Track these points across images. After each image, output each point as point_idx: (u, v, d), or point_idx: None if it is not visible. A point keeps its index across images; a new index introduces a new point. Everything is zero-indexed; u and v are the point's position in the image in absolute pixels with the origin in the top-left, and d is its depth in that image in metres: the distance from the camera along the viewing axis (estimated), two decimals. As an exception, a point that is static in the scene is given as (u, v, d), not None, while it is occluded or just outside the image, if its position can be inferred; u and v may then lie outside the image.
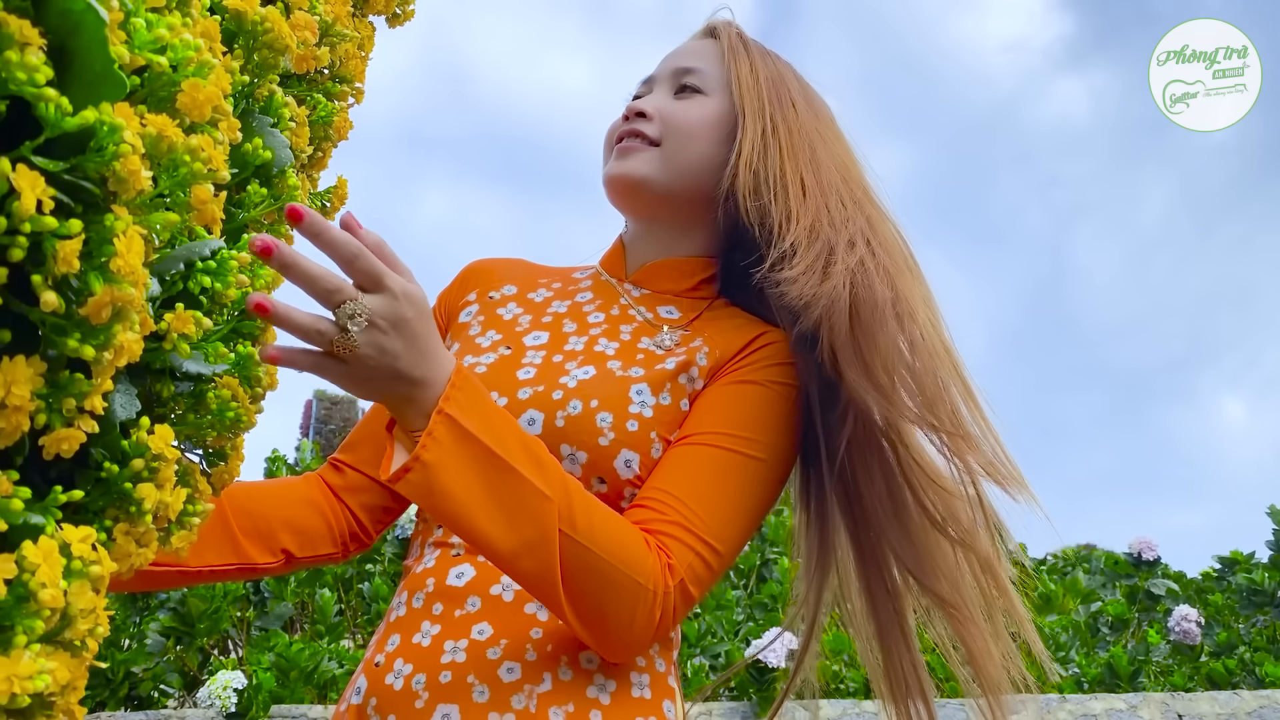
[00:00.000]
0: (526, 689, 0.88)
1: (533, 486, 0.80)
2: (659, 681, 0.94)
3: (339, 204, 0.85)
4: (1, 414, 0.45)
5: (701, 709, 3.62)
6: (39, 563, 0.45)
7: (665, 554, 0.88)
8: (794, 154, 1.01)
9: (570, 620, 0.85)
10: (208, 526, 0.99)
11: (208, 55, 0.52)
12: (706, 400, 0.96)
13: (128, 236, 0.46)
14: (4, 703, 0.44)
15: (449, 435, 0.77)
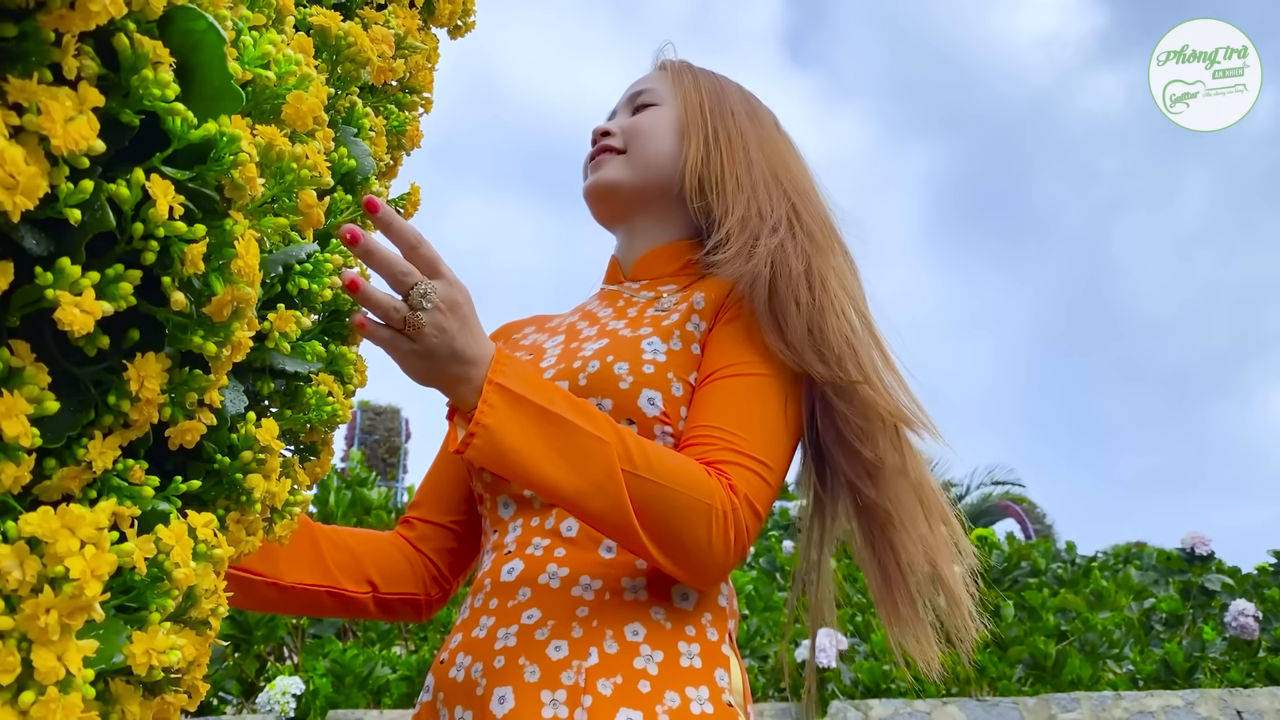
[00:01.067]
0: (575, 664, 0.92)
1: (588, 432, 0.86)
2: (711, 651, 0.97)
3: (412, 210, 0.88)
4: (135, 407, 0.49)
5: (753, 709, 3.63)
6: (173, 544, 0.48)
7: (724, 476, 0.94)
8: (731, 156, 1.13)
9: (653, 553, 0.90)
10: (302, 550, 1.08)
11: (308, 69, 0.55)
12: (714, 343, 1.04)
13: (245, 240, 0.49)
14: (142, 674, 0.47)
15: (503, 400, 0.84)
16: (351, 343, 0.72)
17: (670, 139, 1.17)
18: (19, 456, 0.44)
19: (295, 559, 1.07)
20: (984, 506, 8.61)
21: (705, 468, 0.94)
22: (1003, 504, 9.30)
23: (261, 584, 1.04)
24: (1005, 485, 8.67)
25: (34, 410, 0.44)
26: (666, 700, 0.90)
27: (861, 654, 4.16)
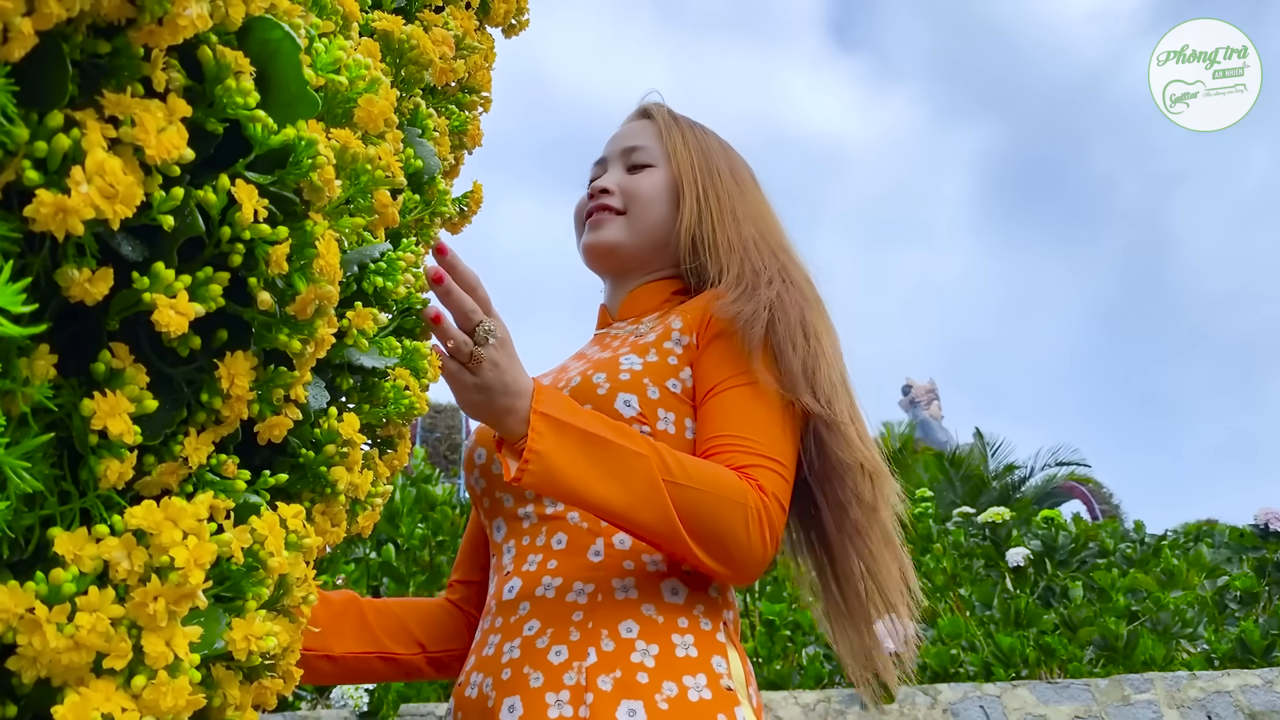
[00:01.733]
0: (576, 665, 0.97)
1: (628, 449, 0.93)
2: (705, 640, 1.01)
3: (475, 208, 0.90)
4: (226, 404, 0.51)
5: (819, 695, 3.62)
6: (267, 534, 0.50)
7: (751, 479, 1.00)
8: (721, 218, 1.21)
9: (700, 556, 0.96)
10: (349, 622, 1.17)
11: (377, 73, 0.57)
12: (708, 359, 1.10)
13: (326, 240, 0.51)
14: (241, 659, 0.49)
15: (549, 428, 0.90)
16: (423, 338, 0.74)
17: (666, 205, 1.25)
18: (122, 454, 0.46)
19: (343, 631, 1.15)
20: (1049, 488, 8.49)
21: (733, 471, 1.00)
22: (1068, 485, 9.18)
23: (314, 658, 1.12)
24: (1070, 466, 8.55)
25: (134, 409, 0.46)
26: (665, 689, 0.94)
27: (928, 639, 4.13)
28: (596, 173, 1.31)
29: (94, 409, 0.44)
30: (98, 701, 0.42)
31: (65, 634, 0.42)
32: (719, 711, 0.94)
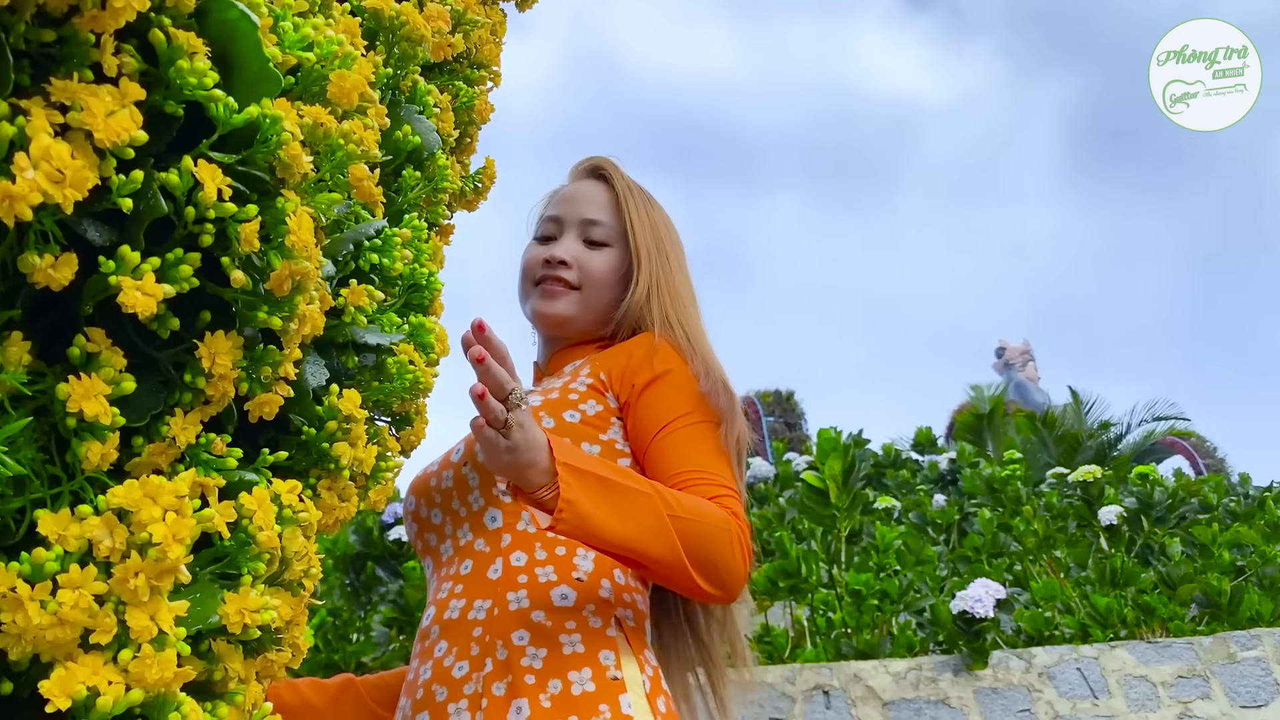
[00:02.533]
0: (474, 677, 1.06)
1: (636, 490, 1.02)
2: (593, 636, 1.08)
3: (489, 183, 0.90)
4: (210, 383, 0.51)
5: (910, 664, 3.58)
6: (255, 509, 0.51)
7: (725, 507, 1.09)
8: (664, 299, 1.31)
9: (696, 580, 1.04)
10: (346, 699, 1.26)
11: (350, 48, 0.57)
12: (651, 401, 1.20)
13: (298, 216, 0.51)
14: (237, 633, 0.50)
15: (574, 478, 0.97)
16: (432, 314, 0.75)
17: (617, 287, 1.34)
18: (104, 435, 0.47)
19: (342, 710, 1.26)
20: (1148, 445, 8.23)
21: (711, 501, 1.09)
22: (1169, 440, 8.88)
23: None
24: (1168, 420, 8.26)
25: (112, 391, 0.47)
26: (550, 687, 1.03)
27: (1022, 602, 4.05)
28: (550, 230, 1.37)
29: (69, 392, 0.45)
30: (84, 675, 0.43)
31: (48, 611, 0.43)
32: (601, 702, 1.02)
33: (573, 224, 1.35)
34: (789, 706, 3.51)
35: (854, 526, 4.45)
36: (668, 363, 1.22)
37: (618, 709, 1.02)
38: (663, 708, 1.07)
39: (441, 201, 0.78)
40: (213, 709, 0.52)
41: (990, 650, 3.58)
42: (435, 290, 0.72)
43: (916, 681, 3.54)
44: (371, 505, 0.67)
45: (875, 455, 6.88)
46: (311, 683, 1.27)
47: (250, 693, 0.53)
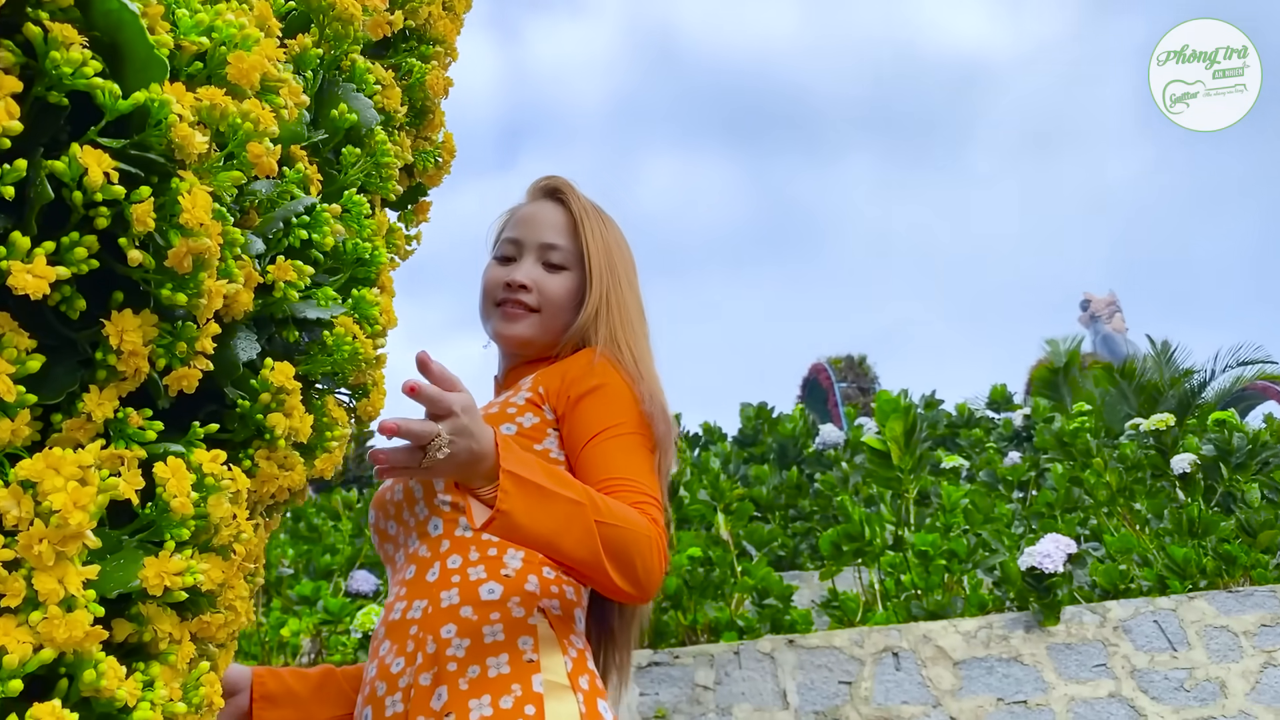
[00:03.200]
0: (407, 670, 1.16)
1: (570, 499, 1.09)
2: (514, 625, 1.16)
3: (449, 158, 0.91)
4: (121, 360, 0.54)
5: (981, 622, 3.54)
6: (168, 477, 0.53)
7: (645, 513, 1.17)
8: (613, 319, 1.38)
9: (614, 580, 1.12)
10: (328, 690, 1.35)
11: (252, 31, 0.59)
12: (586, 411, 1.28)
13: (192, 194, 0.53)
14: (158, 595, 0.53)
15: (514, 485, 1.04)
16: (379, 287, 0.77)
17: (573, 309, 1.41)
18: (13, 412, 0.50)
19: (324, 698, 1.34)
20: (1235, 391, 7.95)
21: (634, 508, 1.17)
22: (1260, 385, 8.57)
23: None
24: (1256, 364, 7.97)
25: (16, 370, 0.50)
26: (469, 673, 1.12)
27: (1097, 556, 3.97)
28: (510, 252, 1.43)
29: (-30, 373, 0.48)
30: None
31: (-44, 577, 0.46)
32: (514, 682, 1.10)
33: (532, 247, 1.42)
34: (858, 669, 3.50)
35: (922, 487, 4.41)
36: (604, 376, 1.30)
37: (529, 687, 1.11)
38: (585, 685, 1.15)
39: (391, 177, 0.79)
40: (145, 669, 0.55)
41: (1062, 605, 3.53)
42: (378, 264, 0.74)
43: (987, 640, 3.50)
44: (318, 474, 0.69)
45: (949, 415, 6.79)
46: (294, 672, 1.36)
47: (183, 652, 0.56)
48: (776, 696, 3.45)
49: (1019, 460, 5.20)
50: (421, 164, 0.93)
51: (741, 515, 4.44)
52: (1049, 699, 3.40)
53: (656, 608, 3.66)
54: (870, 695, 3.44)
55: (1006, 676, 3.44)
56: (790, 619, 3.77)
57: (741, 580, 3.92)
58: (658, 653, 3.49)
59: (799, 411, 7.13)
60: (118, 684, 0.50)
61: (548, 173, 1.52)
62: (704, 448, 6.62)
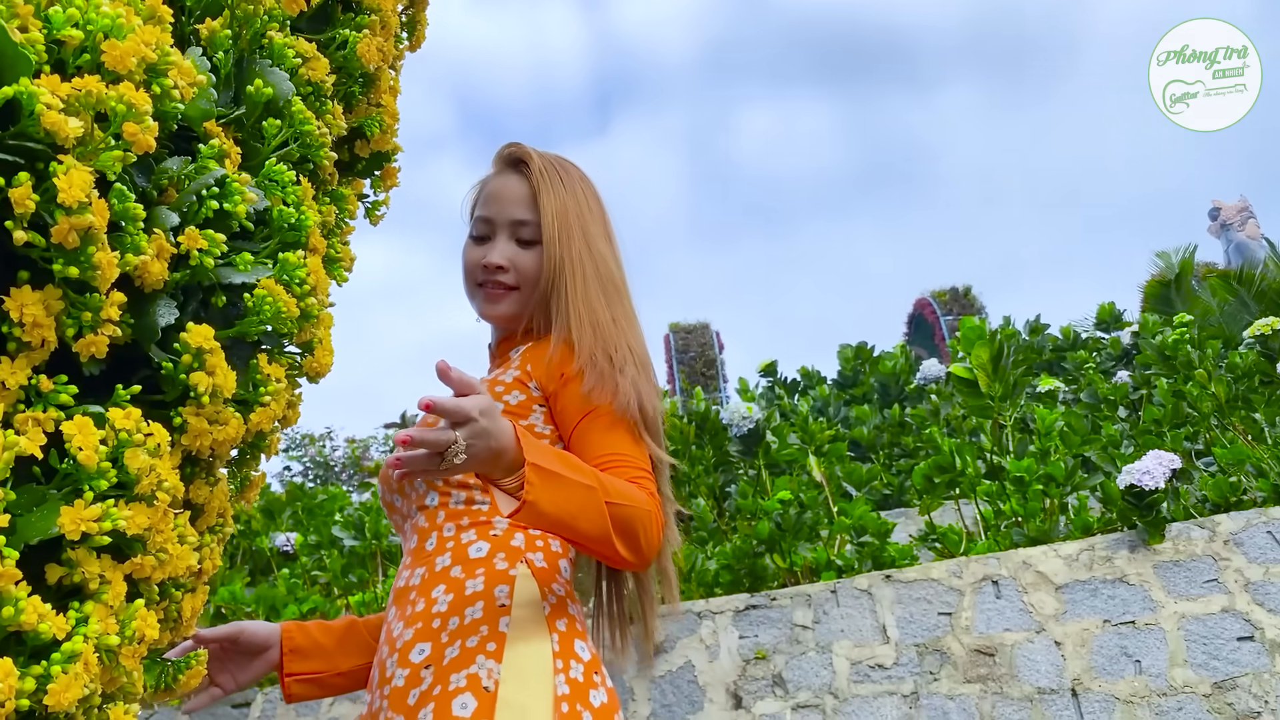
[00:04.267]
0: (400, 630, 1.24)
1: (584, 485, 1.17)
2: (495, 577, 1.24)
3: (391, 121, 0.95)
4: (25, 331, 0.60)
5: (1082, 545, 3.47)
6: (74, 433, 0.59)
7: (642, 488, 1.26)
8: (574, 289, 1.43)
9: (620, 553, 1.21)
10: (351, 641, 1.44)
11: (127, 20, 0.64)
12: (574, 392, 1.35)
13: (69, 175, 0.58)
14: (76, 539, 0.59)
15: (538, 477, 1.12)
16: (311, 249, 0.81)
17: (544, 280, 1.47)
18: (-76, 385, 0.56)
19: (348, 649, 1.43)
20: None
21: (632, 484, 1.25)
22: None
23: (328, 677, 1.41)
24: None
25: (-79, 346, 0.56)
26: (449, 625, 1.20)
27: (1207, 471, 3.84)
28: (484, 230, 1.50)
29: (-124, 351, 0.54)
30: (-88, 580, 0.53)
31: (-125, 530, 0.52)
32: (482, 624, 1.19)
33: (503, 225, 1.49)
34: (957, 600, 3.47)
35: (1017, 414, 4.32)
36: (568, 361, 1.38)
37: (495, 627, 1.19)
38: (562, 626, 1.23)
39: (319, 144, 0.84)
40: (80, 606, 0.61)
41: (1167, 522, 3.43)
42: (305, 228, 0.79)
43: (1090, 562, 3.43)
44: (256, 427, 0.74)
45: (1055, 340, 6.60)
46: (320, 625, 1.44)
47: (115, 591, 0.62)
48: (876, 631, 3.45)
49: (1128, 379, 5.04)
50: (368, 129, 0.97)
51: (834, 456, 4.43)
52: (1158, 618, 3.32)
53: (750, 552, 3.69)
54: (971, 625, 3.41)
55: (1112, 598, 3.37)
56: (890, 556, 3.76)
57: (839, 520, 3.92)
58: (754, 596, 3.53)
59: (900, 349, 7.03)
60: (37, 619, 0.56)
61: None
62: (803, 392, 6.60)
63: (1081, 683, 3.26)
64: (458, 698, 1.12)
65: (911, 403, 6.02)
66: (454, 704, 1.11)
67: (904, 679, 3.35)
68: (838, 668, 3.41)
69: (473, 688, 1.13)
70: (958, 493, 3.97)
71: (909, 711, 3.31)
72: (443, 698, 1.13)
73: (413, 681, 1.17)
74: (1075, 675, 3.27)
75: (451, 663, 1.16)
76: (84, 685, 0.58)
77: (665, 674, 3.43)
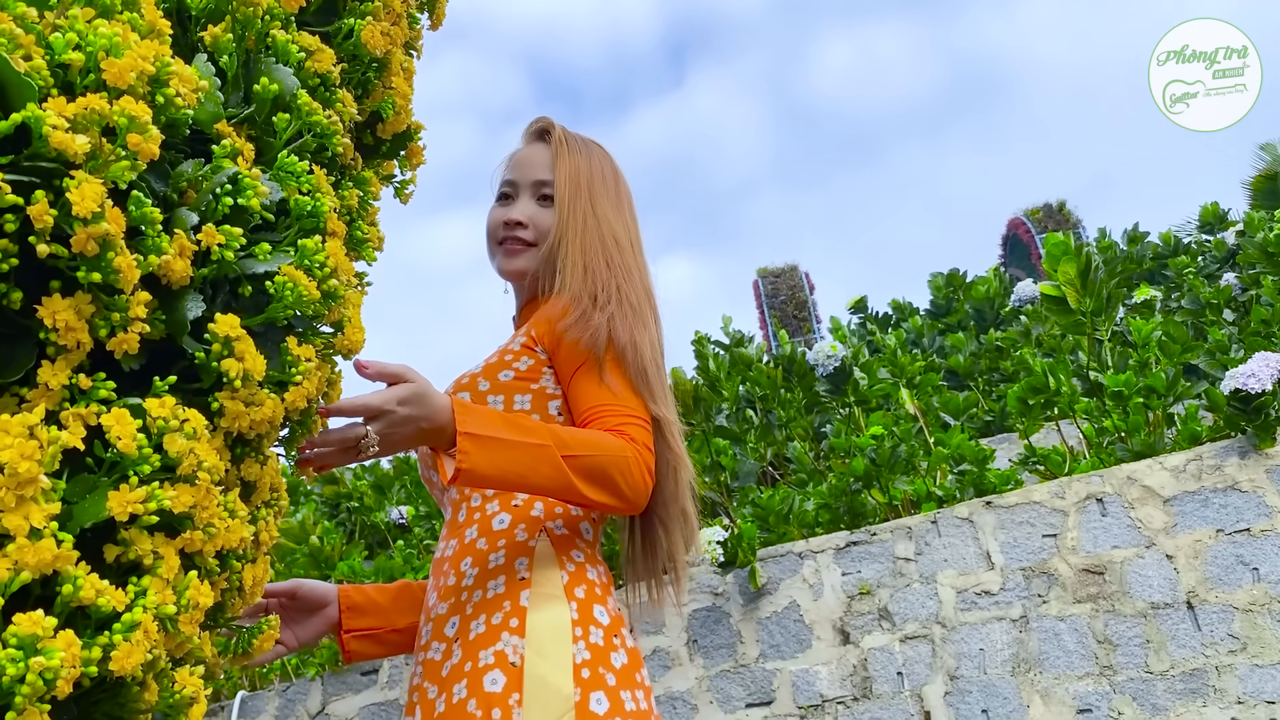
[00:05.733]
0: (437, 604, 1.32)
1: (531, 444, 1.22)
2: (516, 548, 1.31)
3: (403, 103, 0.99)
4: (60, 335, 0.65)
5: (1189, 455, 3.38)
6: (112, 424, 0.64)
7: (624, 434, 1.30)
8: (574, 241, 1.48)
9: (599, 499, 1.26)
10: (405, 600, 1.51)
11: (124, 37, 0.68)
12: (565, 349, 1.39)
13: (80, 189, 0.63)
14: (125, 520, 0.64)
15: (473, 444, 1.18)
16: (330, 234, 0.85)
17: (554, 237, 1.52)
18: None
19: (402, 607, 1.50)
20: None
21: (609, 432, 1.30)
22: None
23: (384, 633, 1.48)
24: None
25: (-33, 358, 0.61)
26: (473, 598, 1.27)
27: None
28: (507, 192, 1.58)
29: (-73, 365, 0.60)
30: (-22, 565, 0.59)
31: (-59, 524, 0.58)
32: (506, 599, 1.25)
33: (525, 186, 1.56)
34: (1061, 521, 3.42)
35: (1115, 327, 4.20)
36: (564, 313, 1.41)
37: (516, 602, 1.25)
38: (580, 594, 1.28)
39: (331, 132, 0.88)
40: (138, 581, 0.67)
41: (1277, 425, 3.32)
42: (321, 214, 0.83)
43: (1198, 472, 3.34)
44: (292, 404, 0.79)
45: (1155, 247, 6.38)
46: (375, 586, 1.52)
47: (168, 565, 0.68)
48: (980, 559, 3.43)
49: (1234, 281, 4.85)
50: (384, 112, 1.01)
51: (929, 387, 4.38)
52: (1275, 524, 3.22)
53: (847, 490, 3.69)
54: (1078, 544, 3.36)
55: (1224, 507, 3.28)
56: (990, 482, 3.72)
57: (936, 451, 3.89)
58: (854, 533, 3.53)
59: (993, 272, 6.88)
60: (94, 594, 0.62)
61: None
62: (895, 326, 6.51)
63: (1197, 595, 3.19)
64: (488, 674, 1.20)
65: (1008, 326, 5.90)
66: (485, 680, 1.19)
67: (1011, 604, 3.33)
68: (943, 597, 3.40)
69: (500, 664, 1.20)
70: (1056, 413, 3.89)
71: (1019, 635, 3.29)
72: (474, 674, 1.21)
73: (446, 655, 1.26)
74: (1190, 588, 3.21)
75: (478, 638, 1.23)
76: (145, 651, 0.64)
77: (771, 615, 3.47)
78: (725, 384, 4.14)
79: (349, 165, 1.00)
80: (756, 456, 4.04)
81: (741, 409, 4.09)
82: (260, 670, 4.21)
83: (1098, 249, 5.94)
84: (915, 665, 3.34)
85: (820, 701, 3.36)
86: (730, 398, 4.12)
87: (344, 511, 5.22)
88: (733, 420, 4.03)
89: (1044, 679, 3.23)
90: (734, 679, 3.46)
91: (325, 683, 4.03)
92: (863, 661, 3.38)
